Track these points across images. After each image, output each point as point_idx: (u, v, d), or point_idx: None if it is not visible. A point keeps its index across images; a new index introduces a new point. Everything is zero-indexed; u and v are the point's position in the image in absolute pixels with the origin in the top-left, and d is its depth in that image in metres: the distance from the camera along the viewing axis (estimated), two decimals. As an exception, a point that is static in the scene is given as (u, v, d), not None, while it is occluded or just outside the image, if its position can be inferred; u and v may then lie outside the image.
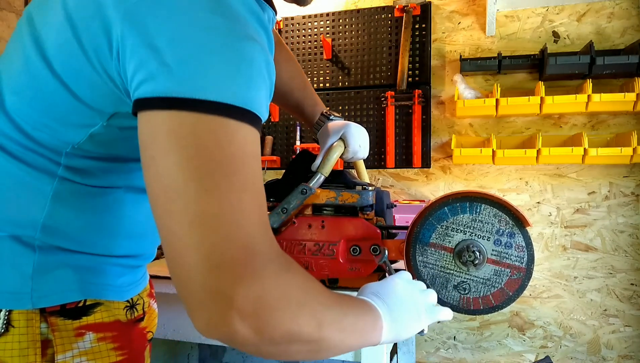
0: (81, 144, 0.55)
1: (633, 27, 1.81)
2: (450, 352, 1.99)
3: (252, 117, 0.46)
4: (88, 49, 0.48)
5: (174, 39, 0.44)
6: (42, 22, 0.53)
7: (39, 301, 0.55)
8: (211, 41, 0.44)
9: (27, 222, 0.55)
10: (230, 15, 0.46)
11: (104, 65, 0.48)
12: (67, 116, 0.53)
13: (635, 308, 1.82)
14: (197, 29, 0.44)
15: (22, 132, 0.54)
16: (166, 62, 0.43)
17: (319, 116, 1.03)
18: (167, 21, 0.44)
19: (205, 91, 0.43)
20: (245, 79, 0.46)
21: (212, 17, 0.45)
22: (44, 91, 0.52)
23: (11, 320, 0.54)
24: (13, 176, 0.55)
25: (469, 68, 1.87)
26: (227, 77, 0.44)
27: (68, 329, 0.57)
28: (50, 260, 0.56)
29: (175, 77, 0.43)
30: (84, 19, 0.48)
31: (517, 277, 0.80)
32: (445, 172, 2.01)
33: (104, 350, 0.60)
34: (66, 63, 0.50)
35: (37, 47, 0.52)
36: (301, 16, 2.13)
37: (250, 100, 0.46)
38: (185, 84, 0.43)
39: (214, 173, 0.42)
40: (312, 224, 0.93)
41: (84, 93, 0.51)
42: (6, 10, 1.92)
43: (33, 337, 0.54)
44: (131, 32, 0.44)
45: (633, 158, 1.68)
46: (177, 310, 1.08)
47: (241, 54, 0.46)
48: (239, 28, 0.46)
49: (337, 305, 0.51)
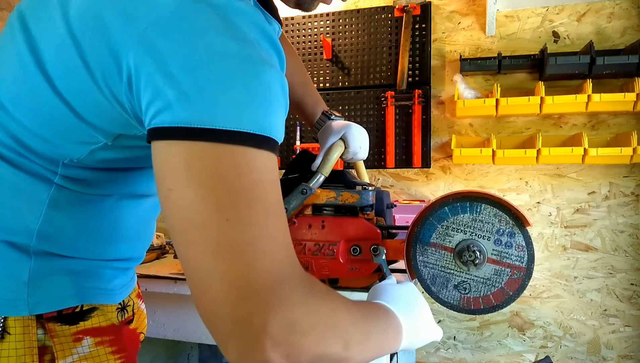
0: (82, 160, 0.54)
1: (633, 27, 1.81)
2: (450, 352, 1.99)
3: (271, 143, 0.46)
4: (95, 71, 0.47)
5: (190, 66, 0.43)
6: (38, 29, 0.51)
7: (35, 307, 0.54)
8: (228, 68, 0.43)
9: (22, 229, 0.54)
10: (244, 40, 0.45)
11: (112, 90, 0.47)
12: (68, 132, 0.52)
13: (635, 308, 1.82)
14: (213, 55, 0.43)
15: (15, 140, 0.53)
16: (183, 91, 0.42)
17: (320, 115, 1.03)
18: (182, 47, 0.43)
19: (224, 121, 0.42)
20: (263, 106, 0.45)
21: (228, 42, 0.44)
22: (43, 105, 0.51)
23: (7, 327, 0.53)
24: (8, 183, 0.54)
25: (469, 68, 1.86)
26: (246, 104, 0.44)
27: (66, 335, 0.57)
28: (46, 266, 0.55)
29: (193, 106, 0.42)
30: (90, 39, 0.47)
31: (517, 277, 0.80)
32: (445, 172, 2.01)
33: (102, 354, 0.60)
34: (69, 82, 0.49)
35: (34, 57, 0.50)
36: (301, 16, 2.13)
37: (269, 126, 0.45)
38: (204, 113, 0.42)
39: (235, 203, 0.42)
40: (312, 224, 0.93)
41: (89, 114, 0.50)
42: (6, 11, 1.92)
43: (30, 344, 0.54)
44: (144, 59, 0.43)
45: (633, 158, 1.68)
46: (177, 310, 1.08)
47: (258, 80, 0.45)
48: (254, 53, 0.46)
49: (364, 322, 0.52)
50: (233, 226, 0.42)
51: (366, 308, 0.57)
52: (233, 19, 0.46)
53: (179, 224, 0.43)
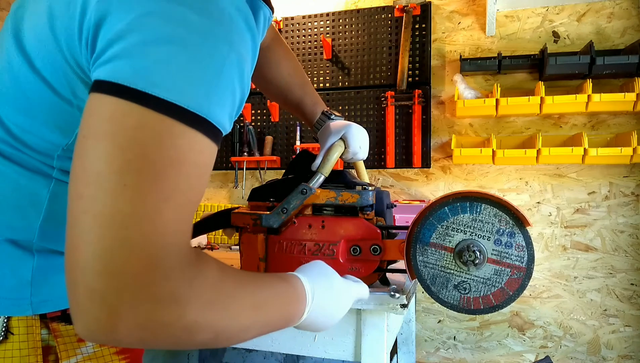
0: (70, 146, 0.53)
1: (633, 27, 1.81)
2: (450, 352, 1.99)
3: (208, 127, 0.43)
4: (60, 38, 0.46)
5: (141, 27, 0.41)
6: (25, 16, 0.52)
7: (39, 307, 0.54)
8: (183, 38, 0.42)
9: (24, 226, 0.54)
10: (211, 14, 0.44)
11: (75, 57, 0.46)
12: (51, 116, 0.51)
13: (635, 308, 1.82)
14: (169, 21, 0.42)
15: (11, 135, 0.53)
16: (128, 49, 0.41)
17: (320, 115, 1.02)
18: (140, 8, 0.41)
19: (160, 88, 0.40)
20: (208, 85, 0.43)
21: (188, 12, 0.42)
22: (25, 89, 0.50)
23: (10, 327, 0.53)
24: (9, 179, 0.53)
25: (469, 68, 1.87)
26: (188, 79, 0.42)
27: (70, 335, 0.57)
28: (49, 264, 0.55)
29: (133, 65, 0.41)
30: (61, 6, 0.46)
31: (517, 277, 0.80)
32: (445, 172, 2.01)
33: (106, 354, 0.60)
34: (45, 57, 0.48)
35: (16, 39, 0.50)
36: (301, 16, 2.13)
37: (208, 108, 0.43)
38: (142, 75, 0.40)
39: (141, 171, 0.39)
40: (312, 224, 0.93)
41: (64, 90, 0.49)
42: (6, 11, 1.92)
43: (34, 344, 0.54)
44: (101, 17, 0.42)
45: (633, 158, 1.68)
46: (177, 310, 1.08)
47: (210, 58, 0.43)
48: (218, 31, 0.44)
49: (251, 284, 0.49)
50: (126, 195, 0.38)
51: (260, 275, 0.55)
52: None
53: (77, 173, 0.40)
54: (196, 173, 0.43)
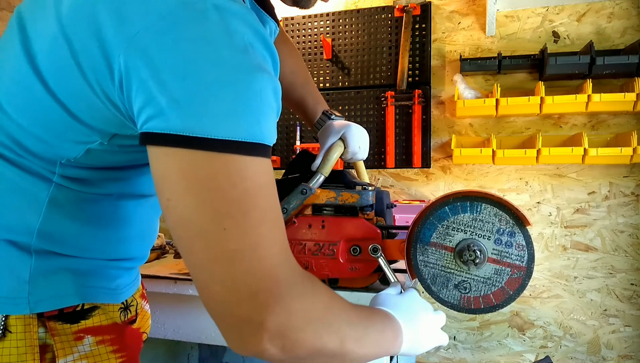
0: (79, 159, 0.54)
1: (633, 27, 1.81)
2: (450, 352, 1.99)
3: (263, 149, 0.46)
4: (87, 72, 0.47)
5: (181, 73, 0.43)
6: (33, 29, 0.51)
7: (36, 306, 0.55)
8: (219, 76, 0.44)
9: (23, 227, 0.54)
10: (236, 46, 0.45)
11: (105, 91, 0.47)
12: (63, 132, 0.52)
13: (635, 308, 1.82)
14: (204, 63, 0.43)
15: (13, 140, 0.53)
16: (175, 99, 0.43)
17: (320, 114, 1.02)
18: (174, 54, 0.43)
19: (216, 129, 0.43)
20: (254, 114, 0.46)
21: (220, 50, 0.44)
22: (37, 105, 0.51)
23: (8, 325, 0.53)
24: (9, 181, 0.54)
25: (469, 68, 1.86)
26: (237, 113, 0.44)
27: (67, 333, 0.57)
28: (47, 265, 0.56)
29: (184, 114, 0.43)
30: (81, 38, 0.46)
31: (517, 276, 0.80)
32: (445, 172, 2.01)
33: (103, 353, 0.61)
34: (62, 81, 0.49)
35: (28, 57, 0.50)
36: (301, 16, 2.13)
37: (260, 133, 0.46)
38: (195, 121, 0.43)
39: (230, 213, 0.44)
40: (312, 224, 0.93)
41: (83, 114, 0.50)
42: (6, 10, 1.92)
43: (31, 342, 0.54)
44: (136, 63, 0.43)
45: (633, 158, 1.68)
46: (177, 310, 1.08)
47: (249, 88, 0.45)
48: (246, 60, 0.46)
49: (360, 321, 0.54)
50: (230, 235, 0.44)
51: (364, 309, 0.59)
52: (226, 25, 0.45)
53: (181, 232, 0.45)
54: (269, 191, 0.47)
